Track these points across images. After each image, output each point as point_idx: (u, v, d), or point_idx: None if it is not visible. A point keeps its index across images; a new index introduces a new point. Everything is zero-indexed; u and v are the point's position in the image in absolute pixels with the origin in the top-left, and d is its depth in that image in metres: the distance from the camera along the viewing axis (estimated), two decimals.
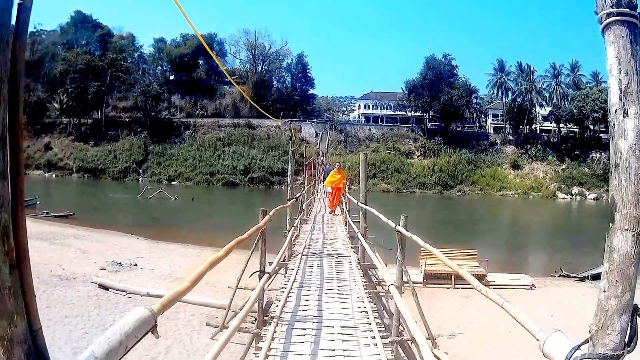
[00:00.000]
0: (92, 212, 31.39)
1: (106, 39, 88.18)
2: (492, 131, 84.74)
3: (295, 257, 8.34)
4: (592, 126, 76.20)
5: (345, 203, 14.70)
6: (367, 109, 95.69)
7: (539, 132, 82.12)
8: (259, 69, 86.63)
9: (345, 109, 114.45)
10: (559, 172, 71.22)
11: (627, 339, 1.64)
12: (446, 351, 9.20)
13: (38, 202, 30.68)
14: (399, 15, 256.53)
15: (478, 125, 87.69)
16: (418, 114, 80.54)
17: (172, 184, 63.91)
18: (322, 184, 20.36)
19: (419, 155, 73.53)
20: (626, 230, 1.64)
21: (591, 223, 43.26)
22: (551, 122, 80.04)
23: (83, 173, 69.14)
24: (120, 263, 14.46)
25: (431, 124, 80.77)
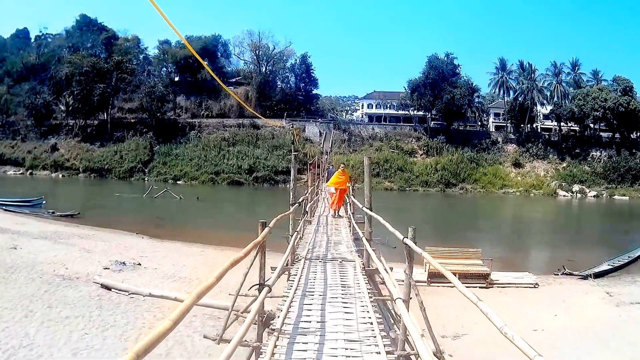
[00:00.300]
0: (98, 212, 31.51)
1: (111, 42, 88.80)
2: (494, 130, 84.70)
3: (298, 262, 8.24)
4: (593, 124, 76.02)
5: (350, 204, 14.64)
6: (371, 108, 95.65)
7: (540, 131, 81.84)
8: (263, 70, 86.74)
9: (348, 109, 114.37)
10: (560, 170, 71.04)
11: None
12: (450, 353, 9.11)
13: (44, 202, 30.89)
14: (402, 14, 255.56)
15: (480, 124, 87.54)
16: (421, 113, 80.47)
17: (178, 183, 64.17)
18: (326, 184, 20.31)
19: (421, 154, 73.54)
20: None
21: (591, 221, 43.14)
22: (552, 121, 79.82)
23: (89, 173, 69.64)
24: (123, 262, 14.49)
25: (434, 123, 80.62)
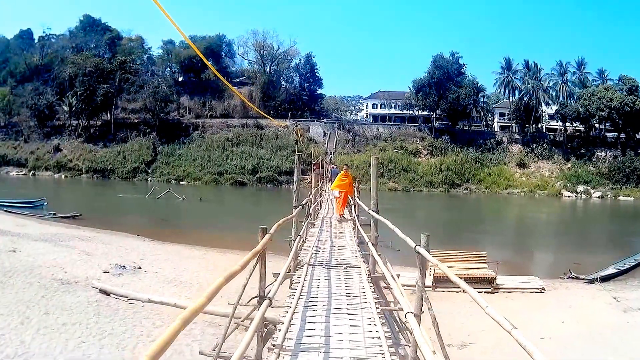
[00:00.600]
0: (100, 213, 31.34)
1: (115, 42, 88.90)
2: (499, 130, 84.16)
3: (301, 268, 7.93)
4: (598, 125, 75.34)
5: (354, 206, 14.34)
6: (375, 108, 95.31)
7: (545, 131, 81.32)
8: (268, 70, 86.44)
9: (353, 109, 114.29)
10: (565, 171, 70.44)
11: None
12: None
13: (45, 204, 30.75)
14: (407, 14, 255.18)
15: (485, 124, 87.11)
16: (425, 113, 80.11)
17: (181, 183, 64.05)
18: (329, 185, 20.05)
19: (426, 154, 73.10)
20: None
21: (596, 222, 42.63)
22: (557, 121, 79.25)
23: (92, 174, 69.56)
24: (123, 266, 14.26)
25: (438, 123, 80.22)
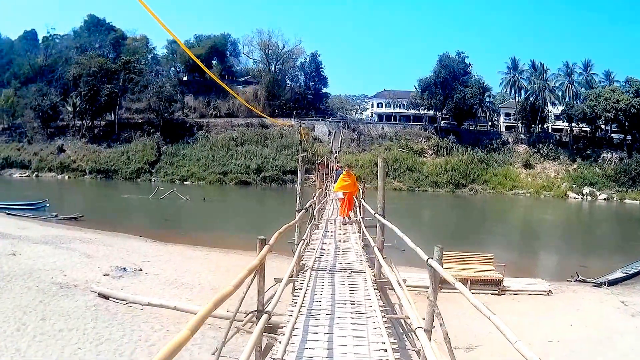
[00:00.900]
0: (103, 214, 31.24)
1: (120, 42, 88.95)
2: (505, 130, 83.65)
3: (304, 273, 7.65)
4: (604, 126, 74.68)
5: (359, 208, 14.02)
6: (380, 107, 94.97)
7: (550, 132, 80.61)
8: (273, 69, 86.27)
9: (358, 108, 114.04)
10: (570, 172, 69.73)
11: None
12: None
13: (47, 205, 30.58)
14: (413, 13, 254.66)
15: (490, 124, 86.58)
16: (431, 112, 79.76)
17: (185, 183, 63.97)
18: (334, 186, 19.73)
19: (431, 154, 72.71)
20: None
21: (603, 225, 42.04)
22: (563, 121, 78.52)
23: (96, 174, 69.52)
24: (124, 268, 14.04)
25: (444, 123, 79.75)
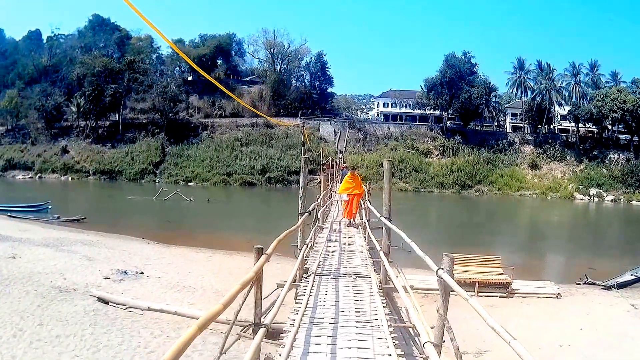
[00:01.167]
0: (106, 216, 30.99)
1: (124, 42, 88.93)
2: (511, 130, 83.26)
3: (307, 278, 7.35)
4: (611, 126, 74.12)
5: (365, 210, 13.71)
6: (386, 107, 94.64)
7: (557, 132, 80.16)
8: (278, 68, 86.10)
9: (364, 107, 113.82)
10: (577, 173, 69.25)
11: None
12: None
13: (50, 207, 30.37)
14: (419, 12, 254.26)
15: (497, 124, 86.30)
16: (437, 112, 79.39)
17: (189, 184, 63.83)
18: (339, 187, 19.44)
19: (437, 155, 72.33)
20: None
21: (610, 227, 41.49)
22: (570, 122, 78.02)
23: (99, 175, 69.45)
24: (125, 271, 13.79)
25: (450, 123, 79.36)
